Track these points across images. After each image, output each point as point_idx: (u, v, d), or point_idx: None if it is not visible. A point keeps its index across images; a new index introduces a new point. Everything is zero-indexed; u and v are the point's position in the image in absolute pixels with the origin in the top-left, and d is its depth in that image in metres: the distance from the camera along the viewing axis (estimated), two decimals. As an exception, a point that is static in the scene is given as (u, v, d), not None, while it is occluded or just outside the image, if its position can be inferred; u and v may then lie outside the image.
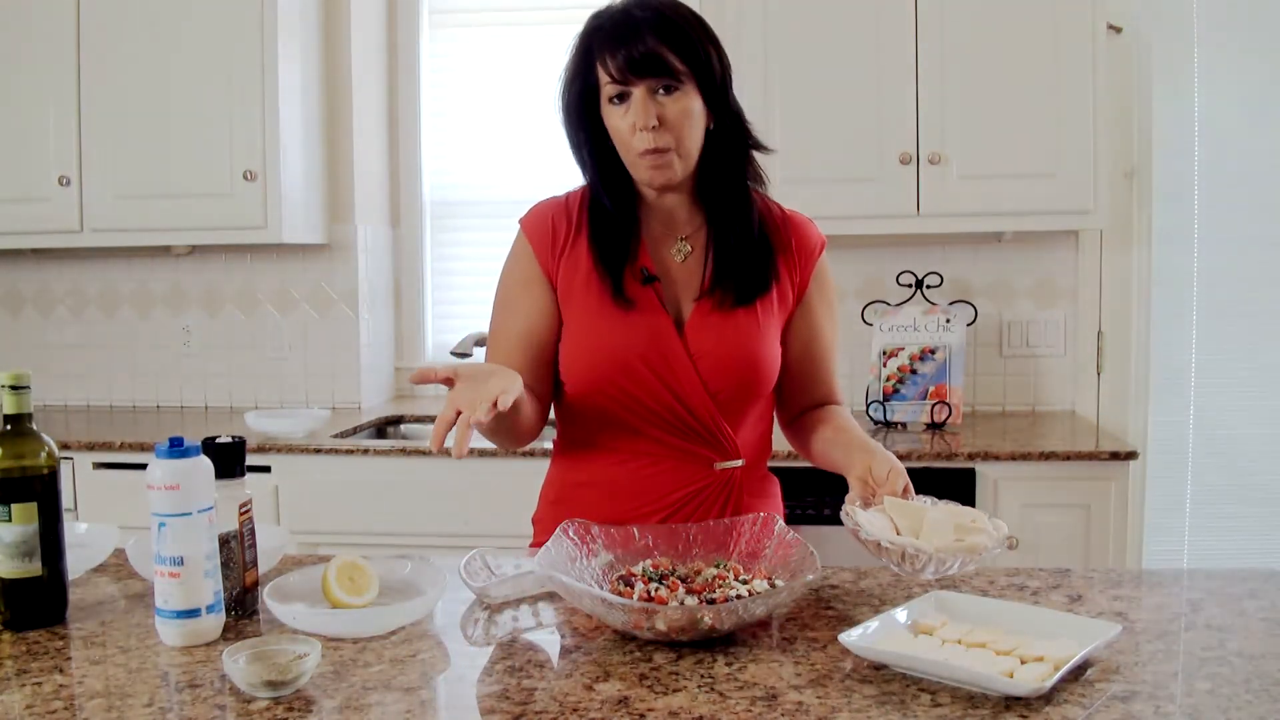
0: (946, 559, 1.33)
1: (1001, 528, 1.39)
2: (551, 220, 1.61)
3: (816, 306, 1.66)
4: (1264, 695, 1.10)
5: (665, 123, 1.48)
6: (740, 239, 1.58)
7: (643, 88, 1.48)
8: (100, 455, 2.86)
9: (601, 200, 1.58)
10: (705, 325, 1.57)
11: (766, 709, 1.08)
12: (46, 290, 3.53)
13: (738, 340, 1.57)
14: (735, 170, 1.58)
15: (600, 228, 1.58)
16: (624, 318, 1.55)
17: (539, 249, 1.61)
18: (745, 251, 1.58)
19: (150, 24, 3.03)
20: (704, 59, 1.50)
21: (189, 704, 1.12)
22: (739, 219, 1.58)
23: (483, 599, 1.43)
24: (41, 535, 1.34)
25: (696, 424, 1.58)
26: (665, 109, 1.48)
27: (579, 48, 1.56)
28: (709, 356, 1.56)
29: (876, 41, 2.85)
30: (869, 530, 1.36)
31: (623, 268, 1.57)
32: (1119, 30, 3.07)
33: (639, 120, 1.48)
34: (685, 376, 1.56)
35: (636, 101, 1.48)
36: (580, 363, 1.57)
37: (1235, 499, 3.18)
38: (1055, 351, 3.22)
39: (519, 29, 3.47)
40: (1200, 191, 3.14)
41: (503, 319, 1.63)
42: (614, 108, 1.51)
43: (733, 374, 1.57)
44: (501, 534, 2.66)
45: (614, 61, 1.48)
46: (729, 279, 1.57)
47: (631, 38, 1.48)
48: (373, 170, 3.43)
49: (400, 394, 3.57)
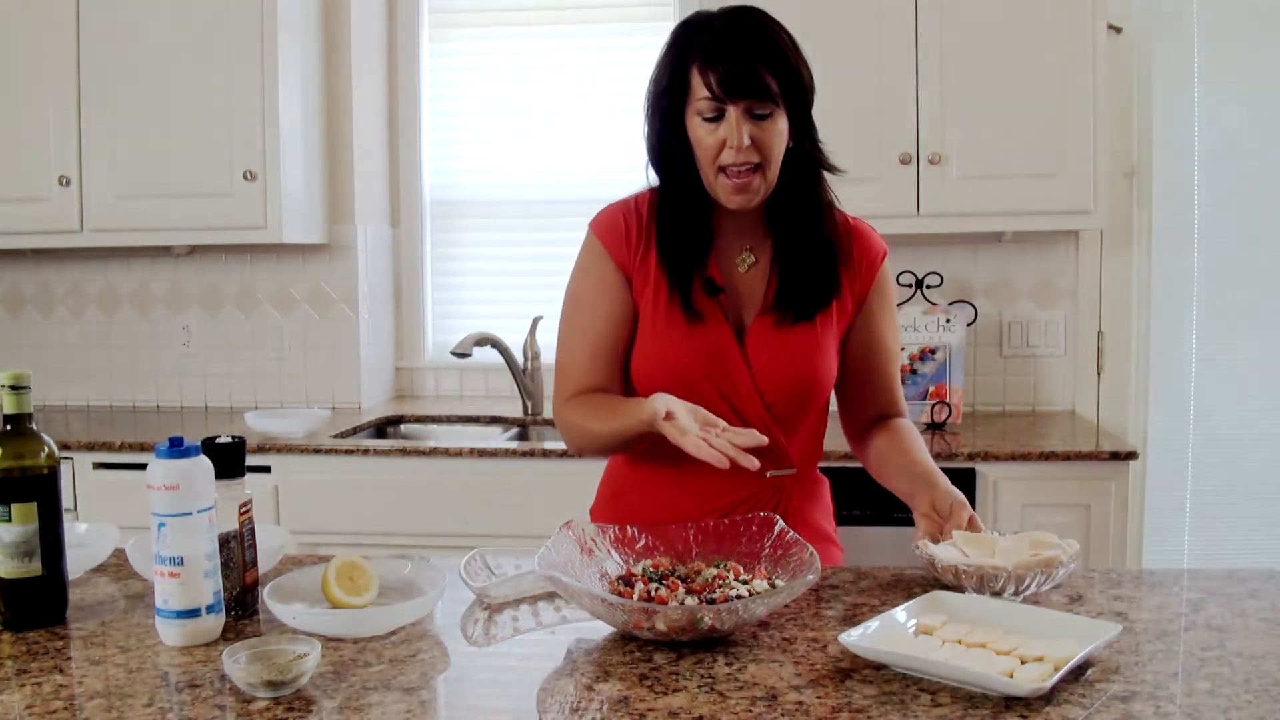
0: (1025, 576, 1.35)
1: (1073, 545, 1.42)
2: (624, 222, 1.61)
3: (877, 315, 1.66)
4: (1264, 695, 1.10)
5: (755, 143, 1.48)
6: (806, 255, 1.58)
7: (739, 107, 1.47)
8: (100, 455, 2.86)
9: (679, 199, 1.57)
10: (765, 339, 1.59)
11: (766, 709, 1.08)
12: (46, 290, 3.53)
13: (796, 355, 1.58)
14: (808, 190, 1.59)
15: (672, 237, 1.58)
16: (689, 328, 1.57)
17: (614, 250, 1.61)
18: (810, 269, 1.58)
19: (150, 24, 3.03)
20: (797, 81, 1.50)
21: (189, 704, 1.12)
22: (808, 238, 1.59)
23: (483, 599, 1.43)
24: (41, 535, 1.34)
25: None
26: (759, 130, 1.48)
27: (674, 50, 1.54)
28: (767, 370, 1.58)
29: (877, 42, 2.85)
30: (944, 560, 1.38)
31: (692, 277, 1.57)
32: (1119, 30, 3.07)
33: (733, 140, 1.48)
34: (744, 389, 1.58)
35: (731, 120, 1.48)
36: (645, 370, 1.60)
37: (1235, 499, 3.18)
38: (1055, 351, 3.22)
39: (519, 28, 3.47)
40: (1200, 191, 3.14)
41: (582, 320, 1.63)
42: (705, 123, 1.50)
43: (789, 388, 1.59)
44: (501, 534, 2.67)
45: (714, 77, 1.46)
46: (792, 294, 1.58)
47: (734, 54, 1.46)
48: (373, 170, 3.43)
49: (400, 394, 3.57)
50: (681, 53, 1.52)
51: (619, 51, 3.43)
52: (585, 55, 3.45)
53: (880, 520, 2.56)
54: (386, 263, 3.51)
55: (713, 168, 1.51)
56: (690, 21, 1.54)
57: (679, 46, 1.53)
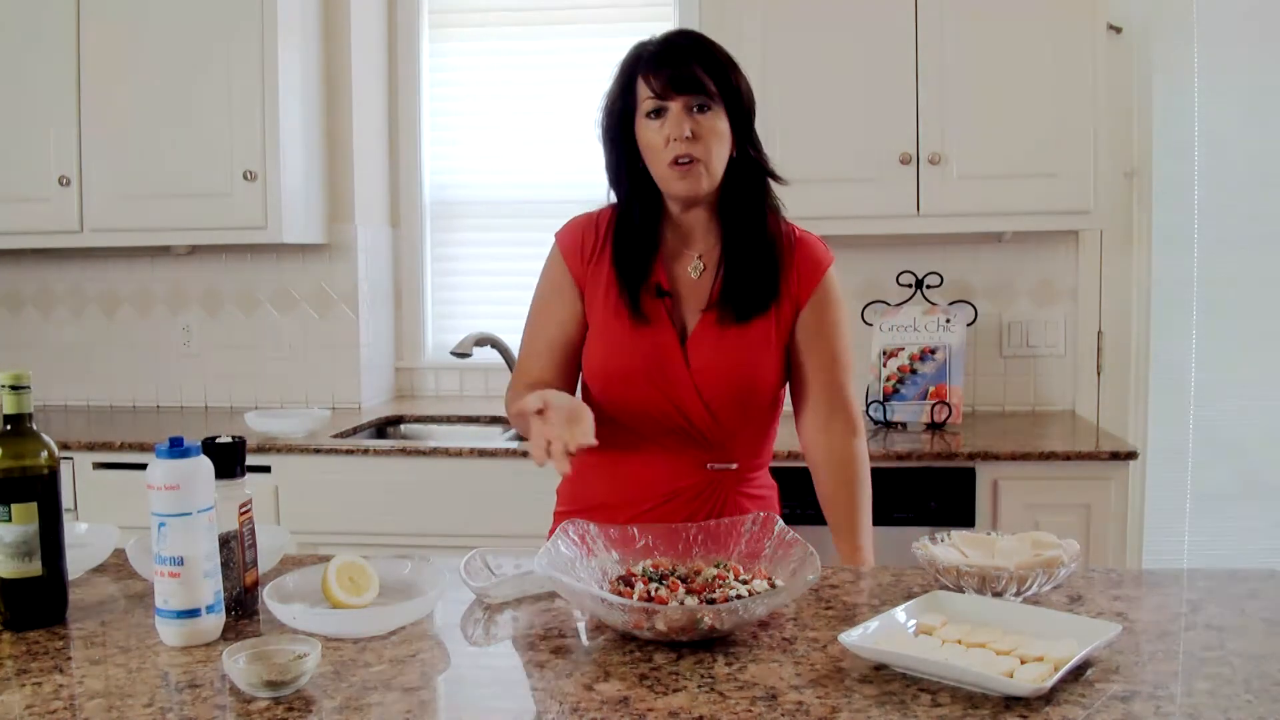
0: (1027, 577, 1.35)
1: (1073, 545, 1.42)
2: (582, 233, 1.75)
3: (818, 324, 1.73)
4: (1264, 695, 1.10)
5: (697, 137, 1.61)
6: (749, 261, 1.68)
7: (680, 103, 1.61)
8: (100, 455, 2.86)
9: (631, 214, 1.71)
10: (706, 340, 1.68)
11: (766, 709, 1.08)
12: (46, 290, 3.53)
13: (733, 356, 1.68)
14: (753, 197, 1.70)
15: (623, 245, 1.71)
16: (635, 331, 1.68)
17: (570, 258, 1.75)
18: (751, 272, 1.68)
19: (150, 24, 3.02)
20: (734, 88, 1.64)
21: (189, 704, 1.12)
22: (752, 242, 1.69)
23: (483, 599, 1.43)
24: (41, 535, 1.34)
25: (691, 429, 1.69)
26: (698, 125, 1.61)
27: (621, 72, 1.69)
28: (707, 370, 1.67)
29: (876, 41, 2.84)
30: (945, 560, 1.38)
31: (640, 284, 1.69)
32: (1119, 30, 3.07)
33: (674, 131, 1.60)
34: (683, 388, 1.67)
35: (673, 114, 1.61)
36: (592, 369, 1.73)
37: (1235, 499, 3.18)
38: (1055, 351, 3.22)
39: (519, 29, 3.47)
40: (1200, 192, 3.14)
41: (537, 323, 1.79)
42: (650, 122, 1.63)
43: (727, 387, 1.68)
44: (502, 534, 2.67)
45: (656, 79, 1.62)
46: (732, 296, 1.68)
47: (674, 59, 1.63)
48: (373, 170, 3.43)
49: (400, 394, 3.57)
50: (629, 71, 1.68)
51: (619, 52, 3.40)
52: (585, 55, 3.45)
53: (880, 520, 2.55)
54: (386, 263, 3.51)
55: (662, 164, 1.63)
56: (636, 46, 1.70)
57: (627, 68, 1.69)
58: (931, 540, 1.49)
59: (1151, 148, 3.14)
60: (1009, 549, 1.42)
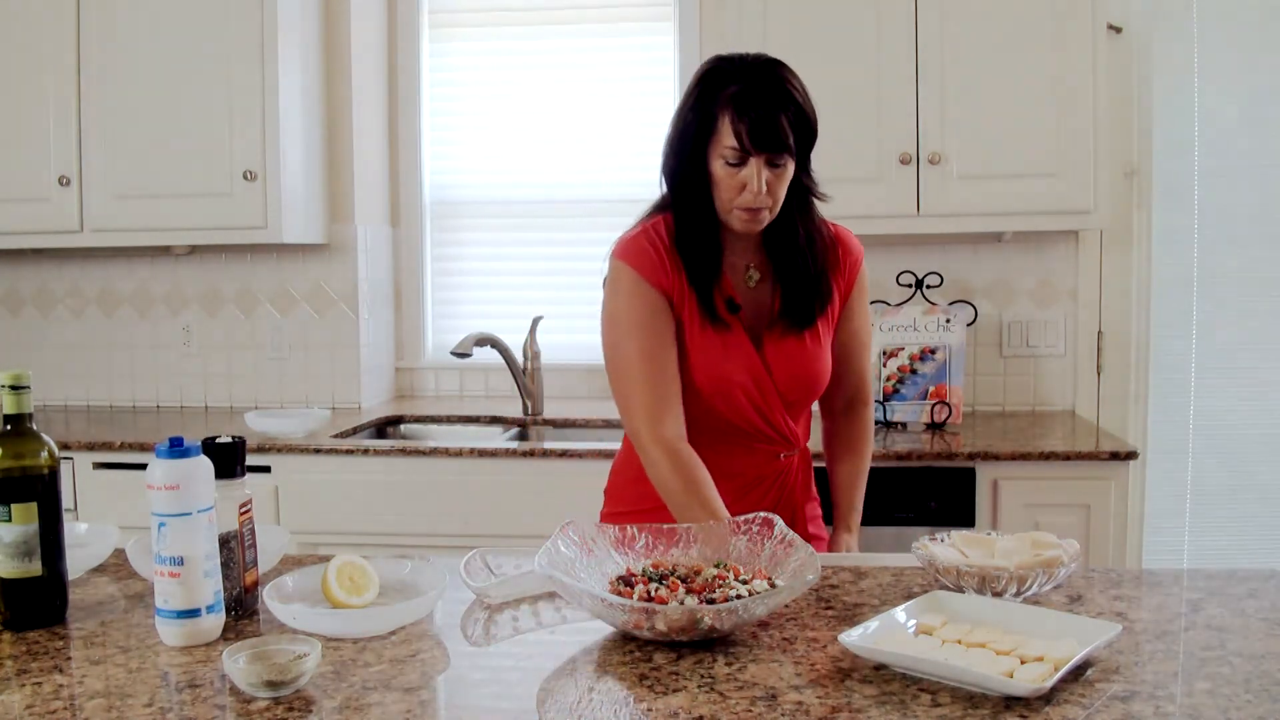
0: (1027, 577, 1.35)
1: (1073, 545, 1.43)
2: (653, 251, 1.72)
3: (856, 311, 1.87)
4: (1264, 695, 1.10)
5: (770, 189, 1.65)
6: (803, 273, 1.76)
7: (762, 159, 1.63)
8: (100, 455, 2.86)
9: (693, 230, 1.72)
10: (780, 347, 1.76)
11: (766, 709, 1.08)
12: (46, 290, 3.53)
13: (806, 358, 1.77)
14: (803, 215, 1.76)
15: (696, 261, 1.72)
16: (722, 342, 1.73)
17: (651, 275, 1.72)
18: (809, 286, 1.76)
19: (150, 24, 3.03)
20: (809, 133, 1.67)
21: (189, 704, 1.12)
22: (805, 259, 1.76)
23: (483, 599, 1.43)
24: (41, 535, 1.34)
25: (771, 428, 1.79)
26: (773, 177, 1.65)
27: (703, 92, 1.67)
28: (784, 373, 1.76)
29: (876, 41, 2.84)
30: (944, 560, 1.38)
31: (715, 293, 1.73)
32: (1119, 30, 3.07)
33: (752, 185, 1.63)
34: (768, 391, 1.76)
35: (752, 169, 1.63)
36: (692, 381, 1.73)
37: (1235, 498, 3.18)
38: (1055, 351, 3.22)
39: (519, 29, 3.47)
40: (1200, 191, 3.14)
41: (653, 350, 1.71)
42: (727, 165, 1.65)
43: (802, 386, 1.78)
44: (501, 534, 2.67)
45: (744, 128, 1.61)
46: (796, 309, 1.76)
47: (763, 111, 1.61)
48: (373, 170, 3.43)
49: (400, 394, 3.57)
50: (710, 95, 1.65)
51: (619, 52, 3.43)
52: (585, 56, 3.45)
53: (880, 520, 2.56)
54: (386, 263, 3.51)
55: (729, 204, 1.67)
56: (720, 67, 1.68)
57: (708, 88, 1.66)
58: (931, 540, 1.49)
59: (1151, 148, 3.14)
60: (1009, 549, 1.42)
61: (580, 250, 3.45)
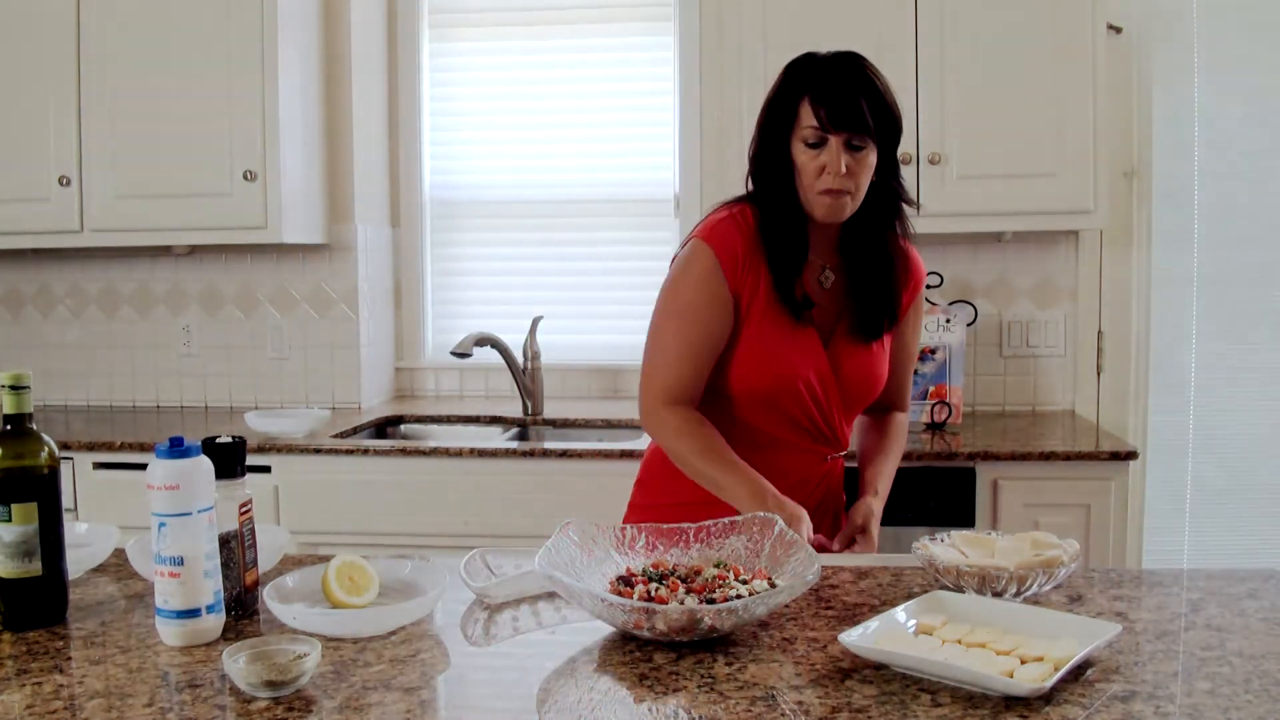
0: (1027, 577, 1.35)
1: (1073, 545, 1.43)
2: (739, 240, 1.73)
3: (911, 325, 1.91)
4: (1264, 695, 1.10)
5: (851, 171, 1.67)
6: (882, 285, 1.79)
7: (841, 138, 1.66)
8: (100, 455, 2.86)
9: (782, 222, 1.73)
10: (847, 351, 1.79)
11: (766, 709, 1.08)
12: (46, 290, 3.53)
13: (871, 365, 1.81)
14: (887, 223, 1.78)
15: (780, 253, 1.73)
16: (793, 338, 1.74)
17: (729, 270, 1.73)
18: (885, 297, 1.79)
19: (150, 24, 3.02)
20: (892, 123, 1.69)
21: (189, 704, 1.12)
22: (883, 269, 1.79)
23: (483, 599, 1.43)
24: (41, 535, 1.34)
25: (828, 429, 1.81)
26: (854, 161, 1.67)
27: (786, 82, 1.72)
28: (849, 377, 1.79)
29: (877, 42, 2.83)
30: (944, 560, 1.38)
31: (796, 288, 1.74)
32: (1119, 30, 3.07)
33: (832, 165, 1.65)
34: (831, 391, 1.78)
35: (832, 149, 1.66)
36: (755, 375, 1.74)
37: (1235, 498, 3.18)
38: (1055, 351, 3.22)
39: (519, 29, 3.47)
40: (1200, 191, 3.14)
41: (691, 330, 1.74)
42: (807, 149, 1.68)
43: (863, 391, 1.82)
44: (501, 534, 2.67)
45: (822, 110, 1.65)
46: (868, 321, 1.79)
47: (842, 93, 1.65)
48: (373, 170, 3.43)
49: (400, 394, 3.57)
50: (792, 85, 1.70)
51: (619, 52, 3.43)
52: (585, 56, 3.45)
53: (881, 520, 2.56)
54: (386, 263, 3.51)
55: (812, 189, 1.69)
56: (803, 60, 1.73)
57: (790, 79, 1.71)
58: (931, 540, 1.49)
59: (1151, 148, 3.14)
60: (1009, 549, 1.42)
61: (580, 250, 3.45)
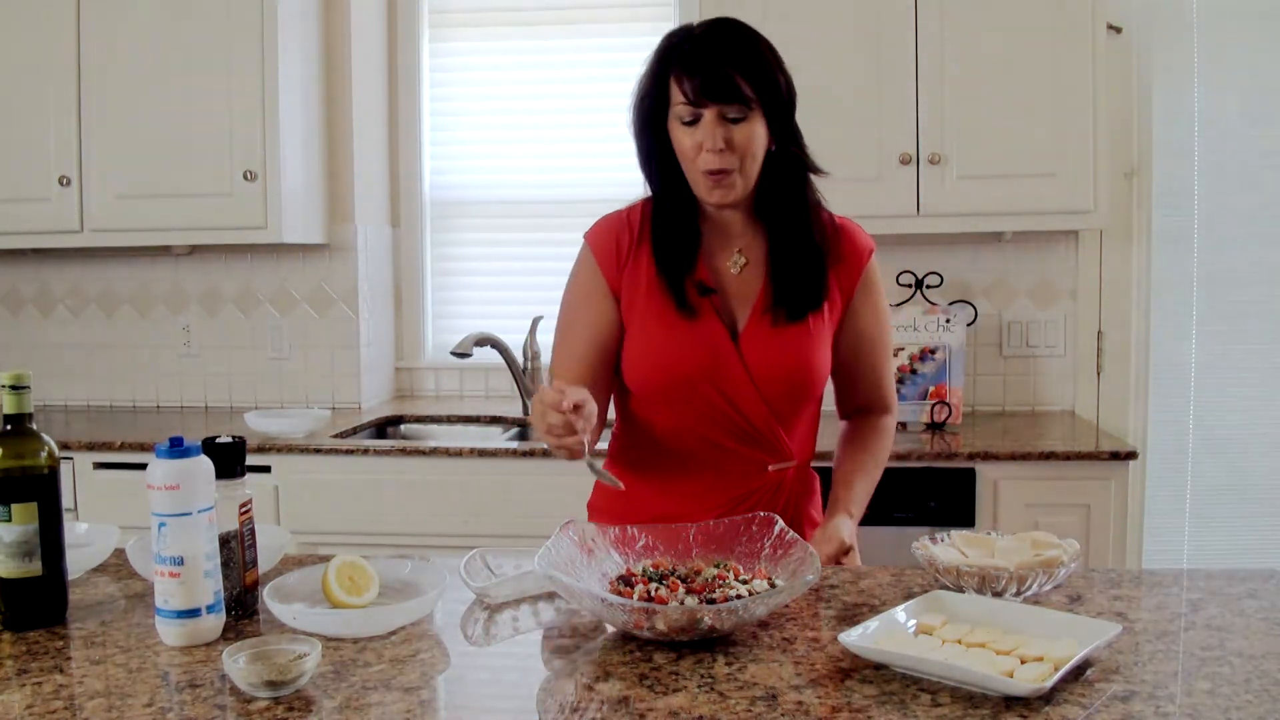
0: (1027, 577, 1.35)
1: (1073, 544, 1.42)
2: (615, 234, 1.67)
3: (864, 310, 1.72)
4: (1264, 695, 1.10)
5: (731, 146, 1.54)
6: (797, 258, 1.64)
7: (713, 111, 1.53)
8: (100, 455, 2.86)
9: (665, 211, 1.64)
10: (760, 337, 1.64)
11: (766, 709, 1.08)
12: (46, 290, 3.53)
13: (791, 351, 1.63)
14: (794, 192, 1.64)
15: (663, 239, 1.64)
16: (684, 328, 1.62)
17: (603, 261, 1.67)
18: (801, 270, 1.64)
19: (150, 24, 3.02)
20: (773, 88, 1.56)
21: (189, 704, 1.12)
22: (797, 239, 1.64)
23: (483, 599, 1.43)
24: (41, 535, 1.34)
25: (752, 430, 1.65)
26: (732, 133, 1.54)
27: (654, 64, 1.60)
28: (763, 367, 1.63)
29: (876, 41, 2.84)
30: (944, 560, 1.38)
31: (684, 279, 1.63)
32: (1119, 30, 3.07)
33: (707, 142, 1.54)
34: (742, 387, 1.63)
35: (706, 124, 1.54)
36: (642, 370, 1.65)
37: (1235, 499, 3.18)
38: (1055, 351, 3.22)
39: (519, 29, 3.47)
40: (1200, 191, 3.14)
41: (568, 327, 1.70)
42: (683, 126, 1.56)
43: (786, 383, 1.64)
44: (501, 534, 2.67)
45: (689, 84, 1.53)
46: (785, 296, 1.63)
47: (707, 63, 1.53)
48: (373, 170, 3.43)
49: (400, 394, 3.57)
50: (662, 64, 1.59)
51: (618, 52, 3.43)
52: (585, 56, 3.45)
53: (880, 520, 2.56)
54: (386, 263, 3.51)
55: (695, 170, 1.57)
56: (672, 34, 1.61)
57: (660, 58, 1.60)
58: (931, 540, 1.49)
59: (1151, 148, 3.14)
60: (1009, 549, 1.41)
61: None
